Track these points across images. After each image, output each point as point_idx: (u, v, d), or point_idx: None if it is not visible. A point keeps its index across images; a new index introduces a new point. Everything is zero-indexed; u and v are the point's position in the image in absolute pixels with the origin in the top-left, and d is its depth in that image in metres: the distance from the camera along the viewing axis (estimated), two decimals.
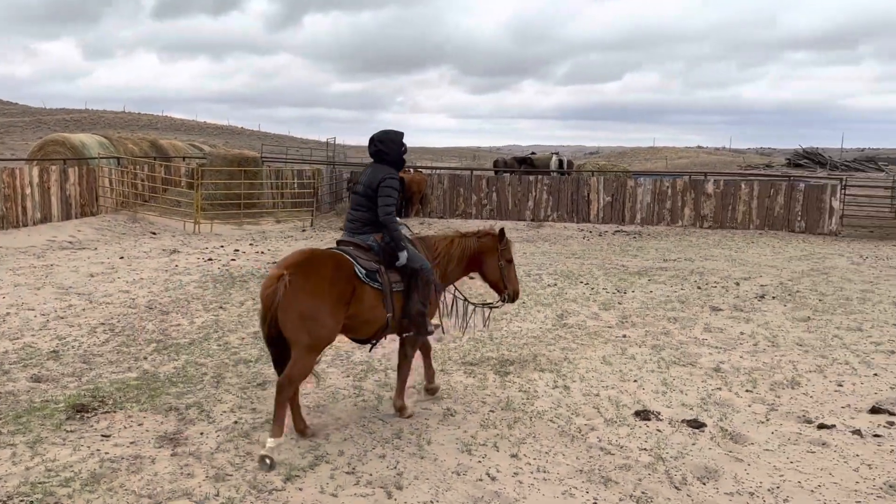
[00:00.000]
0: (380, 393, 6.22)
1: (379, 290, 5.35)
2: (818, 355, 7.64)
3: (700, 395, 6.38)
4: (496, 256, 6.04)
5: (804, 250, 15.91)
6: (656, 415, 5.85)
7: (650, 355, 7.57)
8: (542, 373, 6.94)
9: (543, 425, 5.61)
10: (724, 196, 19.62)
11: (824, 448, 5.27)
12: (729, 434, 5.49)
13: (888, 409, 6.05)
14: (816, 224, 19.07)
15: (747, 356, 7.63)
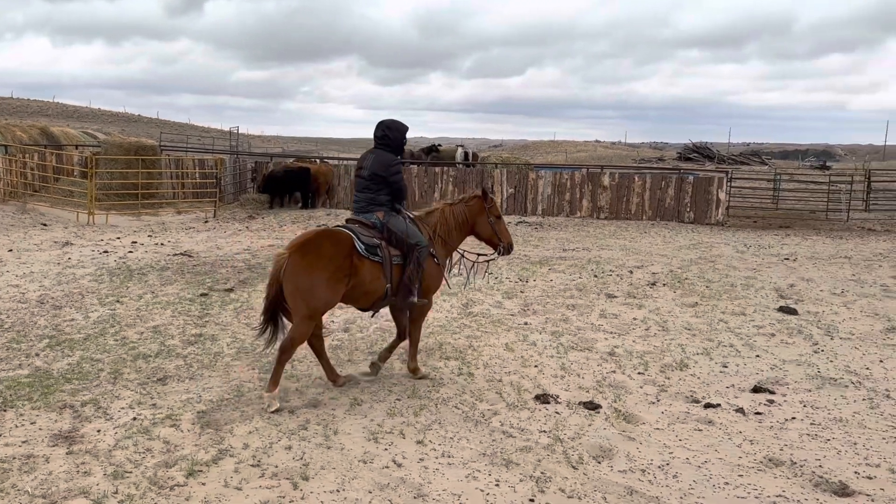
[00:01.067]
0: (286, 385, 6.14)
1: (379, 263, 5.90)
2: (705, 338, 8.03)
3: (596, 378, 6.61)
4: (485, 215, 6.58)
5: (693, 240, 16.66)
6: (555, 398, 6.03)
7: (550, 341, 7.78)
8: (447, 360, 7.03)
9: (449, 411, 5.69)
10: (619, 188, 20.31)
11: (710, 426, 5.56)
12: (622, 414, 5.72)
13: (768, 388, 6.44)
14: (704, 215, 20.01)
15: (640, 340, 7.95)
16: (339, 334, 7.84)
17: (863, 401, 6.14)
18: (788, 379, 6.71)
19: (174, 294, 9.59)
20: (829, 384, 6.56)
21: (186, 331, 7.81)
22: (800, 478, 4.68)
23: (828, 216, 21.72)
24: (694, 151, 65.18)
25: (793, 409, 5.96)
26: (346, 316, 8.58)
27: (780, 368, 7.02)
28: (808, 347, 7.76)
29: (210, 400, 5.74)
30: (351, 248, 5.77)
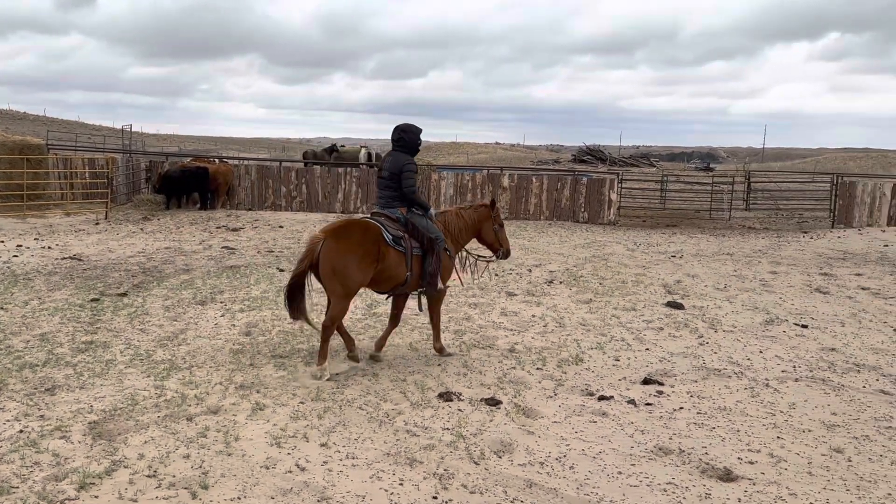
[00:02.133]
0: (184, 392, 5.93)
1: (402, 253, 6.61)
2: (599, 333, 8.28)
3: (497, 374, 6.71)
4: (491, 222, 7.41)
5: (587, 239, 17.17)
6: (458, 395, 6.08)
7: (453, 339, 7.84)
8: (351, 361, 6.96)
9: (353, 413, 5.64)
10: (518, 189, 20.69)
11: (604, 418, 5.74)
12: (522, 409, 5.82)
13: (657, 379, 6.70)
14: (598, 215, 20.64)
15: (538, 337, 8.12)
16: (241, 338, 7.63)
17: (745, 390, 6.48)
18: (676, 371, 7.00)
19: (63, 300, 9.09)
20: (713, 375, 6.90)
21: (76, 338, 7.42)
22: (688, 465, 4.90)
23: (711, 215, 22.82)
24: (588, 154, 67.19)
25: (680, 399, 6.23)
26: (248, 319, 8.38)
27: (668, 361, 7.32)
28: (693, 340, 8.13)
29: (102, 410, 5.48)
30: (379, 236, 6.49)
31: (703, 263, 13.70)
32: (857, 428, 5.60)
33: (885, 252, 15.80)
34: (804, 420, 5.77)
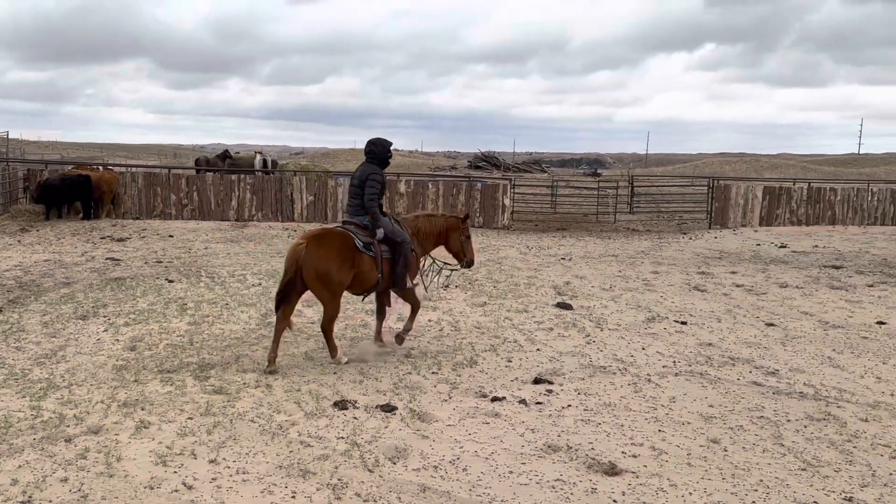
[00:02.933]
0: (62, 411, 5.59)
1: (373, 257, 7.14)
2: (492, 336, 8.39)
3: (393, 380, 6.67)
4: (459, 233, 8.02)
5: (482, 243, 17.37)
6: (353, 403, 6.01)
7: (348, 347, 7.75)
8: (244, 374, 6.76)
9: (245, 426, 5.47)
10: (414, 195, 20.73)
11: (496, 418, 5.81)
12: (417, 414, 5.82)
13: (547, 379, 6.84)
14: (492, 219, 20.96)
15: (434, 341, 8.14)
16: (126, 354, 7.28)
17: (628, 385, 6.71)
18: (565, 369, 7.17)
19: None
20: (599, 372, 7.11)
21: None
22: (575, 461, 5.02)
23: (598, 218, 23.61)
24: (483, 160, 68.16)
25: (569, 397, 6.38)
26: (133, 334, 8.00)
27: (557, 360, 7.49)
28: (581, 339, 8.36)
29: None
30: (353, 242, 7.06)
31: (590, 265, 14.14)
32: (732, 419, 5.90)
33: (758, 251, 16.80)
34: (683, 413, 6.02)
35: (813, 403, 6.22)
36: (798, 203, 22.49)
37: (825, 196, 22.80)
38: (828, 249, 17.08)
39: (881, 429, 5.66)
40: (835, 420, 5.82)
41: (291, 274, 6.90)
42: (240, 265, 13.09)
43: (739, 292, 11.54)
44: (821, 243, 18.29)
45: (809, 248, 17.21)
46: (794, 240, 18.88)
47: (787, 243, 18.06)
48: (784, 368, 7.34)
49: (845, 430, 5.60)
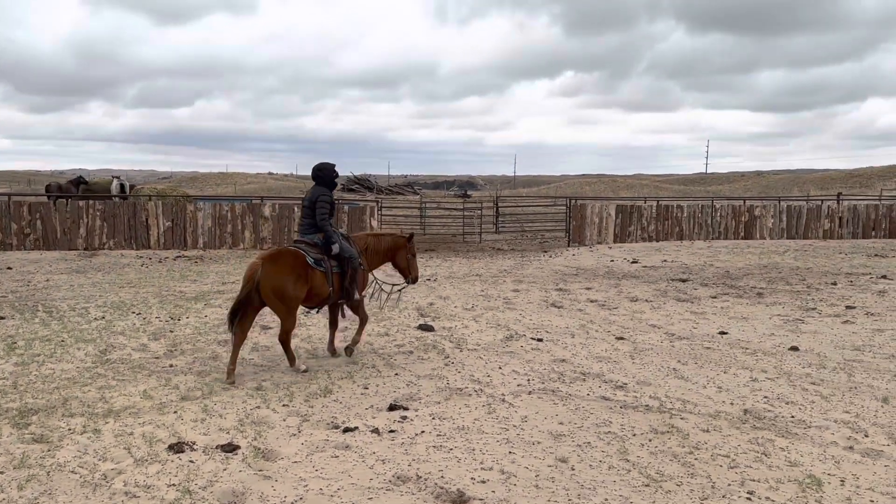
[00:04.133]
0: None
1: (324, 273, 7.67)
2: (350, 362, 8.07)
3: (239, 416, 6.21)
4: (405, 252, 8.51)
5: None
6: (191, 445, 5.51)
7: (195, 382, 7.20)
8: (71, 418, 6.08)
9: (64, 478, 4.86)
10: (280, 219, 20.08)
11: (347, 451, 5.48)
12: (262, 452, 5.40)
13: (402, 404, 6.59)
14: None
15: (289, 371, 7.72)
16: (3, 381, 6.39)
17: (482, 407, 6.57)
18: (422, 394, 6.96)
19: None
20: (455, 395, 6.94)
21: None
22: (423, 492, 4.78)
23: (464, 238, 23.80)
24: (356, 183, 67.70)
25: (423, 422, 6.15)
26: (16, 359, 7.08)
27: (415, 384, 7.26)
28: (440, 361, 8.19)
29: None
30: (305, 260, 7.57)
31: (454, 285, 14.10)
32: (581, 435, 5.86)
33: (611, 266, 17.39)
34: (534, 432, 5.93)
35: (658, 416, 6.31)
36: (648, 220, 23.60)
37: (673, 213, 24.07)
38: (675, 263, 17.93)
39: (721, 439, 5.78)
40: (678, 432, 5.91)
41: (248, 291, 7.32)
42: (83, 297, 12.08)
43: (593, 308, 11.81)
44: (669, 258, 19.21)
45: (659, 263, 18.01)
46: (645, 255, 19.74)
47: (639, 259, 18.84)
48: (632, 381, 7.45)
49: (687, 442, 5.68)
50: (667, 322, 10.63)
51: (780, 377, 7.62)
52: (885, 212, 26.14)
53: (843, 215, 25.60)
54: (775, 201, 27.99)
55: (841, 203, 27.49)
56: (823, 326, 10.27)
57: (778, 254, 20.24)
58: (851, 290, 13.51)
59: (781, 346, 9.06)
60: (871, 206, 26.72)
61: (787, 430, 6.00)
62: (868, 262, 18.23)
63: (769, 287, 13.93)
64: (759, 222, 24.66)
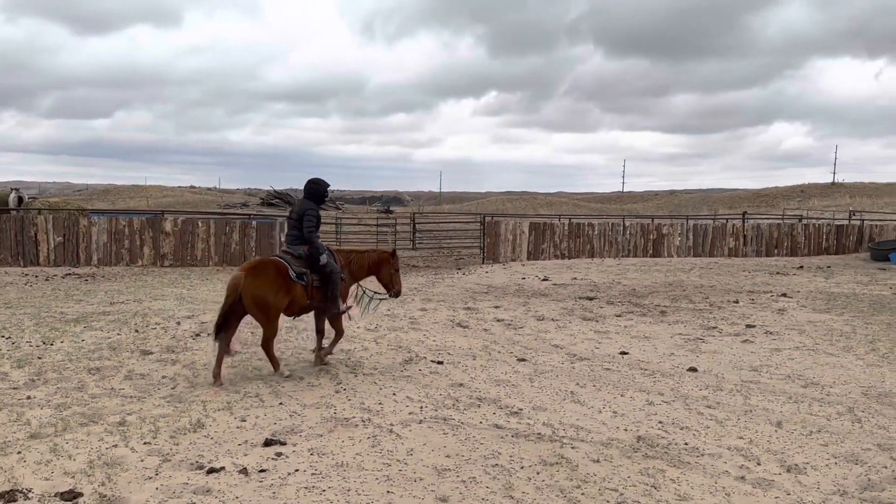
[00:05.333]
0: None
1: (304, 286, 7.87)
2: (233, 391, 7.45)
3: (90, 457, 5.53)
4: (389, 266, 8.73)
5: None
6: (26, 493, 4.83)
7: (51, 416, 6.45)
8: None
9: None
10: (183, 234, 19.10)
11: (206, 496, 4.91)
12: (107, 500, 4.77)
13: (280, 439, 6.04)
14: None
15: (162, 402, 7.05)
16: None
17: (367, 439, 6.09)
18: (304, 425, 6.42)
19: None
20: (341, 426, 6.43)
21: None
22: None
23: None
24: (276, 197, 66.14)
25: (299, 459, 5.62)
26: None
27: (298, 415, 6.72)
28: (331, 388, 7.66)
29: None
30: (287, 272, 7.79)
31: None
32: (467, 470, 5.46)
33: (522, 284, 17.22)
34: (418, 468, 5.50)
35: (548, 446, 5.97)
36: (561, 238, 23.67)
37: (584, 231, 24.24)
38: (585, 281, 17.91)
39: (611, 470, 5.49)
40: (567, 463, 5.58)
41: (231, 301, 7.62)
42: None
43: (499, 327, 11.51)
44: (580, 275, 19.21)
45: (569, 281, 17.95)
46: (557, 273, 19.69)
47: (550, 276, 18.76)
48: (528, 407, 7.12)
49: (576, 475, 5.36)
50: (570, 342, 10.41)
51: (676, 400, 7.44)
52: (787, 230, 27.09)
53: (747, 234, 26.38)
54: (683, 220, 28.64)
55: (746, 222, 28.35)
56: (723, 346, 10.26)
57: (684, 271, 20.56)
58: (752, 309, 13.69)
59: (680, 366, 8.95)
60: (774, 224, 27.66)
61: (680, 458, 5.76)
62: (770, 280, 18.69)
63: (672, 305, 13.99)
64: (666, 240, 25.11)
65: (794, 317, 12.76)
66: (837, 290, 16.78)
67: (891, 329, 11.52)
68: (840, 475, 5.43)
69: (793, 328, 11.64)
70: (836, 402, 7.44)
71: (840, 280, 18.91)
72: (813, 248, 26.97)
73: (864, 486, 5.21)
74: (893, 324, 12.00)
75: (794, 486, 5.22)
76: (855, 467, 5.58)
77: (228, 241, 19.40)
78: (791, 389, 7.91)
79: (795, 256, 26.47)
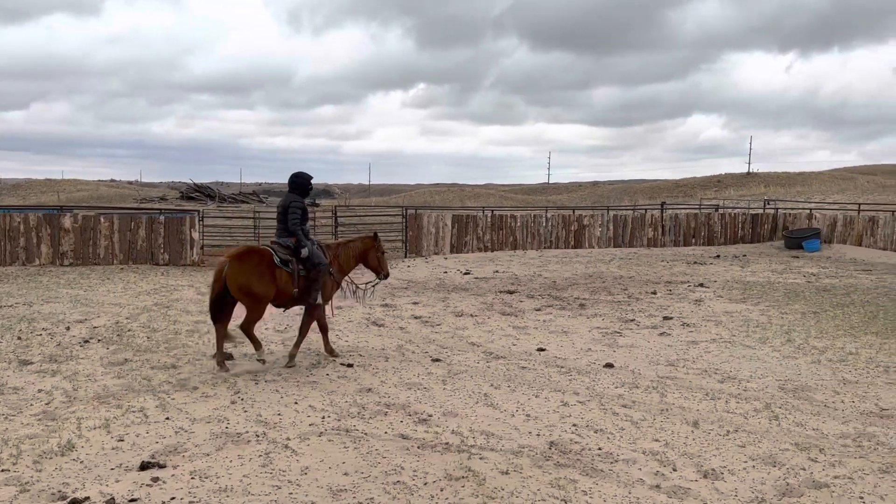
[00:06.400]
0: None
1: (290, 274, 8.08)
2: (115, 406, 6.74)
3: None
4: (374, 251, 8.82)
5: (158, 284, 15.28)
6: None
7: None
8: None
9: None
10: (83, 231, 17.85)
11: None
12: None
13: (159, 461, 5.40)
14: (179, 256, 18.78)
15: (33, 420, 6.31)
16: None
17: (259, 457, 5.52)
18: (190, 443, 5.80)
19: None
20: (232, 442, 5.84)
21: None
22: None
23: None
24: (196, 191, 63.93)
25: (178, 485, 5.01)
26: None
27: (185, 431, 6.09)
28: (227, 398, 7.04)
29: None
30: (272, 259, 7.97)
31: None
32: (365, 490, 4.97)
33: (443, 279, 16.79)
34: (312, 489, 4.97)
35: (456, 457, 5.53)
36: (484, 230, 23.38)
37: (507, 223, 24.01)
38: (506, 274, 17.64)
39: (520, 482, 5.09)
40: (474, 477, 5.15)
41: (218, 289, 7.92)
42: None
43: (416, 325, 11.04)
44: (501, 268, 18.93)
45: (490, 274, 17.64)
46: (479, 266, 19.36)
47: (472, 269, 18.41)
48: (438, 413, 6.68)
49: (482, 490, 4.93)
50: (487, 339, 10.03)
51: (591, 399, 7.13)
52: (704, 220, 27.57)
53: (665, 224, 26.71)
54: (604, 210, 28.82)
55: (664, 212, 28.74)
56: (640, 339, 10.07)
57: (604, 262, 20.56)
58: (670, 300, 13.64)
59: (597, 362, 8.68)
60: (692, 214, 28.10)
61: (593, 465, 5.42)
62: (687, 270, 18.85)
63: (592, 298, 13.82)
64: (588, 231, 25.16)
65: (711, 307, 12.76)
66: (753, 279, 17.01)
67: (805, 318, 11.61)
68: (758, 479, 5.19)
69: (709, 319, 11.60)
70: (754, 397, 7.28)
71: (755, 269, 19.24)
72: (729, 237, 27.54)
73: (783, 491, 4.97)
74: (808, 313, 12.12)
75: (711, 493, 4.94)
76: (773, 470, 5.35)
77: (134, 237, 18.24)
78: (708, 385, 7.73)
79: (712, 245, 26.96)
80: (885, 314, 11.96)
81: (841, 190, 50.33)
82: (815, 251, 24.27)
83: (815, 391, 7.48)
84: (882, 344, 9.71)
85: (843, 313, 12.07)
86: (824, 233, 25.99)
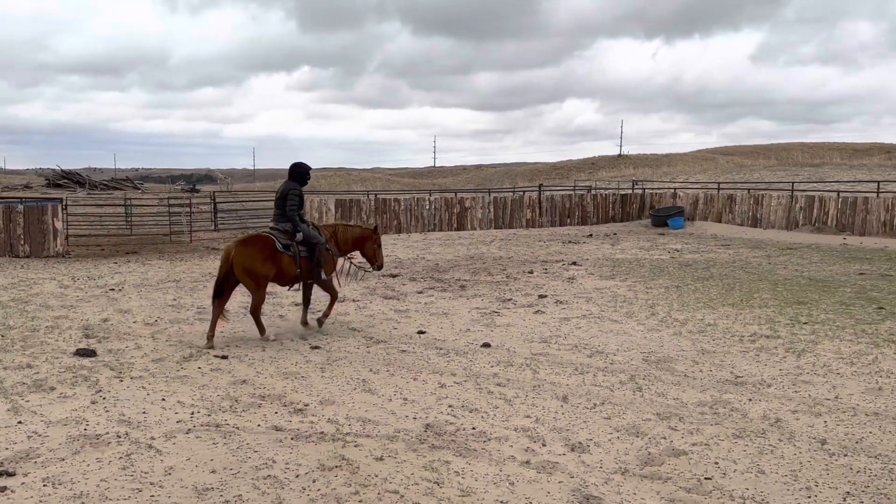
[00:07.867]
0: None
1: (292, 256, 8.73)
2: None
3: None
4: (372, 242, 9.58)
5: (16, 277, 14.08)
6: None
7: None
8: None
9: None
10: None
11: None
12: None
13: (8, 469, 4.96)
14: (42, 247, 17.44)
15: None
16: None
17: (119, 460, 5.16)
18: (44, 448, 5.35)
19: None
20: (90, 445, 5.44)
21: None
22: None
23: (171, 238, 21.43)
24: (64, 178, 59.67)
25: (28, 494, 4.60)
26: None
27: (39, 436, 5.61)
28: (88, 398, 6.55)
29: None
30: (274, 245, 8.64)
31: (142, 295, 12.16)
32: (233, 487, 4.74)
33: None
34: (175, 490, 4.69)
35: (330, 446, 5.39)
36: (368, 214, 23.14)
37: (391, 206, 23.88)
38: (390, 258, 17.49)
39: (394, 468, 5.02)
40: (348, 465, 5.03)
41: (224, 271, 8.43)
42: None
43: (296, 312, 10.72)
44: (385, 252, 18.77)
45: None
46: None
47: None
48: (314, 402, 6.50)
49: (355, 479, 4.82)
50: (369, 324, 9.90)
51: (468, 380, 7.16)
52: (577, 200, 28.50)
53: (542, 205, 27.42)
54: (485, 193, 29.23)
55: (542, 193, 29.48)
56: (517, 318, 10.25)
57: (485, 244, 20.86)
58: (545, 278, 13.99)
59: (475, 342, 8.75)
60: (567, 195, 28.99)
61: (467, 445, 5.43)
62: (562, 249, 19.41)
63: (472, 279, 13.96)
64: (469, 213, 25.44)
65: (583, 285, 13.18)
66: (622, 256, 17.74)
67: (668, 293, 12.19)
68: (622, 450, 5.35)
69: (581, 296, 11.97)
70: (619, 370, 7.54)
71: (625, 246, 20.08)
72: (601, 216, 28.62)
73: (645, 460, 5.15)
74: (671, 287, 12.73)
75: (578, 466, 5.05)
76: (636, 440, 5.54)
77: None
78: (577, 360, 7.95)
79: (586, 225, 27.95)
80: (740, 286, 12.76)
81: (703, 170, 53.41)
82: (679, 228, 25.65)
83: (676, 362, 7.85)
84: (738, 315, 10.34)
85: (703, 287, 12.78)
86: (687, 211, 27.50)
